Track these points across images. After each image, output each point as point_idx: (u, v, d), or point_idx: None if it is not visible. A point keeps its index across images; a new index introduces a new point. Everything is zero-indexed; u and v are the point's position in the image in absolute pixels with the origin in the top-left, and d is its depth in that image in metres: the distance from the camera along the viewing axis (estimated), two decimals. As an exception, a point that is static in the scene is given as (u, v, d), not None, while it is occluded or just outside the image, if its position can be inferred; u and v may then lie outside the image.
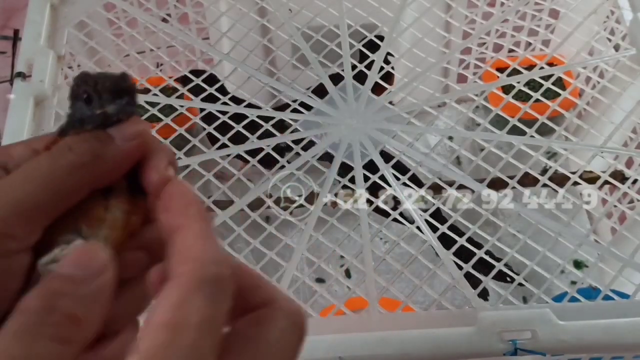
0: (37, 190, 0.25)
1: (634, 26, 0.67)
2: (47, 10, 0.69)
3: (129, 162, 0.26)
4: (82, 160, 0.25)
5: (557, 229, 0.54)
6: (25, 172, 0.25)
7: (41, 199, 0.24)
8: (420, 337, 0.48)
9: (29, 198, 0.24)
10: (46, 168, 0.25)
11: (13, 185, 0.25)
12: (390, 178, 0.59)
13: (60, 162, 0.25)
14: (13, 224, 0.24)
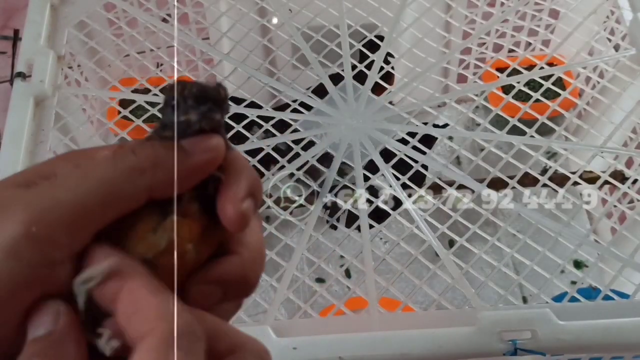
0: (89, 192, 0.22)
1: (634, 26, 0.67)
2: (47, 10, 0.69)
3: (195, 177, 0.24)
4: (142, 165, 0.23)
5: (557, 229, 0.54)
6: (81, 172, 0.23)
7: (93, 202, 0.22)
8: (420, 337, 0.48)
9: (80, 201, 0.22)
10: (103, 169, 0.23)
11: (65, 185, 0.22)
12: (390, 178, 0.59)
13: (119, 165, 0.23)
14: (59, 230, 0.22)
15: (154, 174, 0.23)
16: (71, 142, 0.63)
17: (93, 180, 0.23)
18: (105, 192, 0.23)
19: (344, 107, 0.65)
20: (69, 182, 0.22)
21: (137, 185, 0.23)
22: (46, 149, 0.60)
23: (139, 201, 0.23)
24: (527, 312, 0.49)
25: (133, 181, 0.23)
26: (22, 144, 0.59)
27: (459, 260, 0.53)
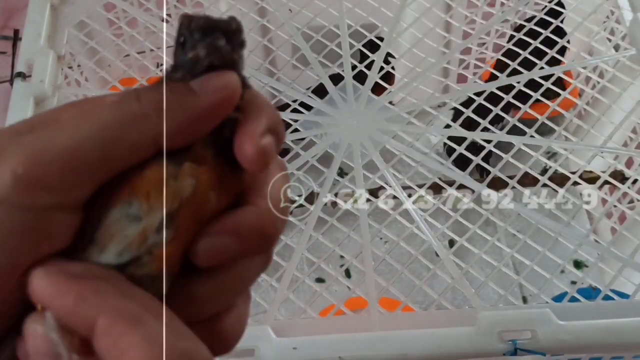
0: (87, 135, 0.20)
1: (634, 26, 0.67)
2: (47, 10, 0.69)
3: (208, 121, 0.22)
4: (146, 109, 0.21)
5: (557, 229, 0.54)
6: (81, 117, 0.21)
7: (90, 147, 0.20)
8: (420, 337, 0.48)
9: (76, 144, 0.20)
10: (105, 114, 0.21)
11: (63, 129, 0.21)
12: (390, 178, 0.59)
13: (122, 110, 0.21)
14: (49, 173, 0.20)
15: (158, 119, 0.21)
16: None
17: (93, 124, 0.21)
18: (105, 137, 0.21)
19: (344, 107, 0.65)
20: (67, 126, 0.21)
21: (140, 132, 0.21)
22: (46, 149, 0.60)
23: (145, 150, 0.21)
24: (527, 312, 0.49)
25: (136, 127, 0.21)
26: (22, 144, 0.59)
27: (459, 260, 0.53)
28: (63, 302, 0.20)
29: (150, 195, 0.21)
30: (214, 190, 0.22)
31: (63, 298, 0.20)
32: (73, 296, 0.20)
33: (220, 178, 0.22)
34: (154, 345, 0.19)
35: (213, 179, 0.22)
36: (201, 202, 0.21)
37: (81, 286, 0.20)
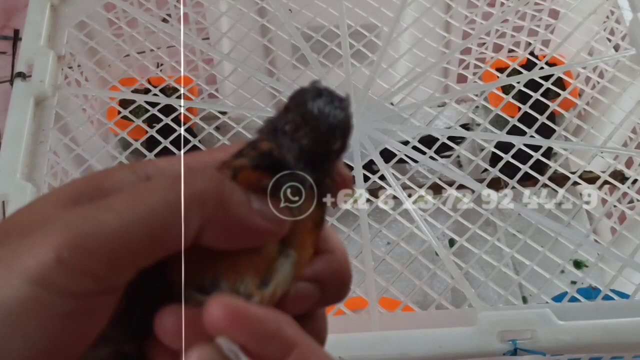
0: (137, 223, 0.19)
1: (634, 26, 0.67)
2: (47, 10, 0.69)
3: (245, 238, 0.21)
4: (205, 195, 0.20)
5: (557, 229, 0.54)
6: (131, 196, 0.20)
7: (140, 233, 0.19)
8: (420, 337, 0.48)
9: (125, 229, 0.19)
10: (159, 196, 0.20)
11: (112, 208, 0.20)
12: (390, 178, 0.59)
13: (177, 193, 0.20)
14: (96, 260, 0.19)
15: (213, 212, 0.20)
16: (71, 142, 0.63)
17: (145, 205, 0.20)
18: (155, 221, 0.20)
19: (344, 107, 0.65)
20: (117, 205, 0.20)
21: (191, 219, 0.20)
22: (46, 149, 0.60)
23: (188, 240, 0.20)
24: (527, 312, 0.49)
25: (188, 213, 0.20)
26: (22, 144, 0.59)
27: (459, 260, 0.53)
28: (262, 328, 0.20)
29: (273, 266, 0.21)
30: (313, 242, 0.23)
31: (262, 325, 0.20)
32: (273, 324, 0.20)
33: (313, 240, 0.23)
34: None
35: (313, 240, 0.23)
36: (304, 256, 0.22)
37: (277, 315, 0.20)
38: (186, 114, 0.65)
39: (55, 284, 0.19)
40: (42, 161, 0.59)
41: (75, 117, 0.66)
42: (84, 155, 0.63)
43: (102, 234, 0.19)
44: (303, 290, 0.23)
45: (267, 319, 0.20)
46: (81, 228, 0.19)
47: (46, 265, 0.19)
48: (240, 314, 0.19)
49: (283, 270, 0.22)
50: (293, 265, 0.22)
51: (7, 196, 0.55)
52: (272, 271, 0.21)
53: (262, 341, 0.19)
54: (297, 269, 0.22)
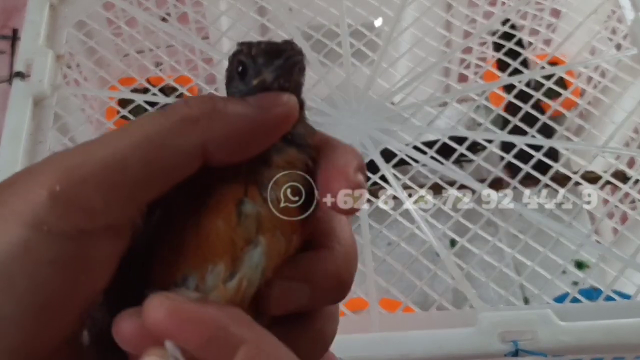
0: (130, 145, 0.18)
1: (636, 25, 0.67)
2: (47, 10, 0.69)
3: (263, 138, 0.20)
4: (195, 113, 0.19)
5: (559, 230, 0.54)
6: (122, 129, 0.19)
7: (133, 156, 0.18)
8: (420, 338, 0.48)
9: (116, 154, 0.18)
10: (149, 122, 0.19)
11: (101, 141, 0.18)
12: (390, 178, 0.59)
13: (168, 117, 0.19)
14: (89, 190, 0.17)
15: (209, 123, 0.19)
16: (70, 142, 0.62)
17: (137, 133, 0.18)
18: (149, 144, 0.18)
19: (344, 106, 0.65)
20: (107, 138, 0.18)
21: (187, 137, 0.18)
22: (45, 148, 0.60)
23: (191, 161, 0.19)
24: (528, 313, 0.48)
25: (183, 132, 0.18)
26: (21, 143, 0.59)
27: (460, 261, 0.53)
28: (200, 330, 0.18)
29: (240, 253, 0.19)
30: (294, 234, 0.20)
31: (200, 326, 0.18)
32: (213, 324, 0.18)
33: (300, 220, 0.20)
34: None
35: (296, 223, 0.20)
36: (278, 247, 0.20)
37: (219, 313, 0.18)
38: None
39: (47, 223, 0.17)
40: (41, 161, 0.59)
41: (75, 117, 0.66)
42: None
43: (95, 162, 0.18)
44: (288, 290, 0.20)
45: (206, 319, 0.18)
46: (71, 161, 0.18)
47: (38, 204, 0.17)
48: (175, 315, 0.18)
49: (250, 261, 0.19)
50: (263, 256, 0.20)
51: (6, 196, 0.55)
52: (238, 263, 0.19)
53: (202, 343, 0.18)
54: (270, 260, 0.20)
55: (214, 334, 0.18)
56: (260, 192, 0.20)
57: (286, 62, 0.20)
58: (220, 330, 0.18)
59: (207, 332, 0.18)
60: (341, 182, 0.20)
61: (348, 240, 0.22)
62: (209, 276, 0.19)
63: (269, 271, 0.20)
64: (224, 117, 0.19)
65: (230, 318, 0.18)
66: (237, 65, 0.20)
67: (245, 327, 0.18)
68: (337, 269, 0.21)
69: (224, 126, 0.19)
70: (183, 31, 0.71)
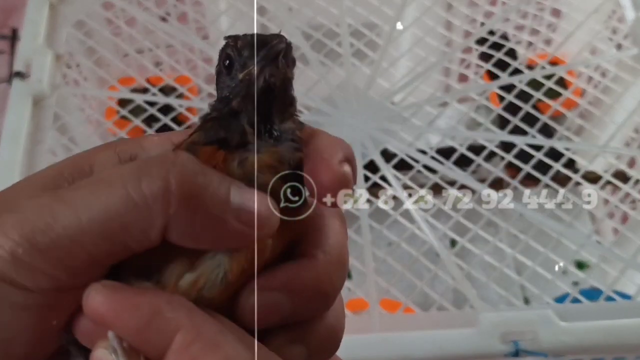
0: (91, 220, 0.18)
1: (636, 25, 0.67)
2: (46, 10, 0.69)
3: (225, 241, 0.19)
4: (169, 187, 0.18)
5: (559, 230, 0.54)
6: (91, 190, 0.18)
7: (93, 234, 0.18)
8: (421, 339, 0.48)
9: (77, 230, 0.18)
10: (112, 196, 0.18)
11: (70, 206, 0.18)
12: (391, 178, 0.58)
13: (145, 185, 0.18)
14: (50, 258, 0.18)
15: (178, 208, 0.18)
16: (70, 142, 0.62)
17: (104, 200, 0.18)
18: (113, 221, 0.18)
19: (344, 106, 0.64)
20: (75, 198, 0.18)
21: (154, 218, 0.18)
22: (45, 148, 0.60)
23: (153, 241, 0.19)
24: (529, 314, 0.48)
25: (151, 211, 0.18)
26: (20, 143, 0.58)
27: (461, 261, 0.53)
28: (134, 316, 0.18)
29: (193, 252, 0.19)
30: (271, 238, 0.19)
31: (134, 312, 0.18)
32: (147, 309, 0.18)
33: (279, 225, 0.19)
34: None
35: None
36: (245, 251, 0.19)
37: (154, 299, 0.18)
38: (185, 113, 0.65)
39: (9, 278, 0.18)
40: (41, 161, 0.59)
41: (74, 116, 0.66)
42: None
43: (55, 232, 0.18)
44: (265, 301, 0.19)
45: (141, 303, 0.18)
46: (35, 223, 0.18)
47: (1, 259, 0.18)
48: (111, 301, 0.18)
49: (212, 260, 0.19)
50: (225, 256, 0.19)
51: (5, 196, 0.55)
52: (200, 260, 0.19)
53: (139, 329, 0.18)
54: (234, 262, 0.19)
55: (149, 320, 0.18)
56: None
57: (270, 52, 0.19)
58: (155, 316, 0.18)
59: (143, 317, 0.18)
60: (326, 173, 0.19)
61: (335, 248, 0.21)
62: (169, 269, 0.19)
63: (233, 275, 0.19)
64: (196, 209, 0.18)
65: (167, 303, 0.18)
66: (224, 59, 0.20)
67: (184, 312, 0.18)
68: (317, 280, 0.20)
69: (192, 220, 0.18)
70: (183, 31, 0.71)
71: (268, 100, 0.20)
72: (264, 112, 0.20)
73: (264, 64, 0.19)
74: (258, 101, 0.19)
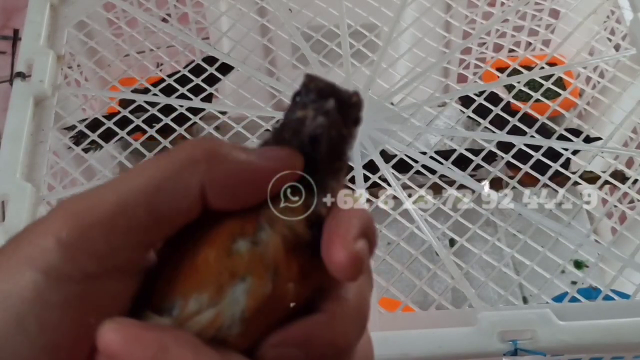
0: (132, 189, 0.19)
1: (634, 26, 0.67)
2: (47, 10, 0.69)
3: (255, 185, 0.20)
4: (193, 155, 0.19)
5: (558, 229, 0.54)
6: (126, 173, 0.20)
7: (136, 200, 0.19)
8: (420, 337, 0.48)
9: (120, 199, 0.19)
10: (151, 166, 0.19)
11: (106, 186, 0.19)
12: (390, 178, 0.59)
13: (168, 159, 0.19)
14: (95, 235, 0.18)
15: (207, 167, 0.19)
16: (71, 142, 0.63)
17: (139, 178, 0.19)
18: (150, 187, 0.19)
19: (344, 107, 0.65)
20: (111, 184, 0.19)
21: (186, 179, 0.19)
22: (46, 148, 0.60)
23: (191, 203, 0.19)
24: (528, 313, 0.48)
25: (182, 174, 0.19)
26: (21, 143, 0.59)
27: (459, 260, 0.53)
28: (142, 353, 0.18)
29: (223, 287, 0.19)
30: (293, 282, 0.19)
31: (143, 349, 0.18)
32: (154, 346, 0.18)
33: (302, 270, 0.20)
34: None
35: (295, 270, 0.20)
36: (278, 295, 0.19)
37: (162, 335, 0.18)
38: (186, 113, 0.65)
39: (55, 268, 0.18)
40: (42, 161, 0.59)
41: (75, 117, 0.66)
42: (83, 156, 0.63)
43: (101, 208, 0.19)
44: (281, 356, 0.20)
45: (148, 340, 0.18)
46: (77, 206, 0.19)
47: (46, 249, 0.18)
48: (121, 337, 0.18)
49: (232, 296, 0.19)
50: (246, 294, 0.19)
51: (7, 196, 0.55)
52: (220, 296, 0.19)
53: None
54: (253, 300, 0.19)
55: (155, 356, 0.18)
56: (256, 232, 0.20)
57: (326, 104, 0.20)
58: (161, 352, 0.18)
59: (149, 353, 0.18)
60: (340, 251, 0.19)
61: (353, 303, 0.21)
62: (190, 304, 0.19)
63: (251, 312, 0.19)
64: (223, 162, 0.20)
65: (174, 340, 0.18)
66: (295, 92, 0.21)
67: (190, 349, 0.18)
68: (333, 337, 0.20)
69: (223, 171, 0.19)
70: (183, 32, 0.71)
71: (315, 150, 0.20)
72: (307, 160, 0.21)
73: (317, 112, 0.20)
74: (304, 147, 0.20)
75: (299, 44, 0.68)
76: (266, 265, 0.19)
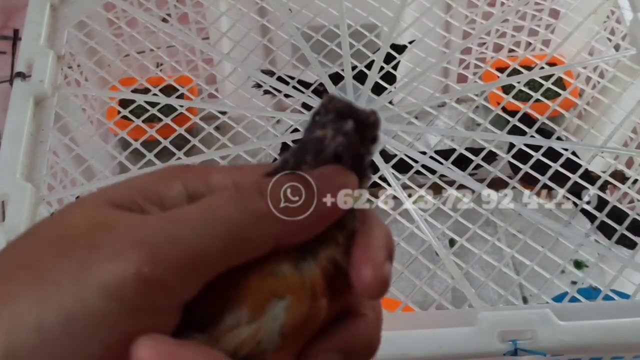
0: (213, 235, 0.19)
1: (634, 26, 0.67)
2: (47, 10, 0.69)
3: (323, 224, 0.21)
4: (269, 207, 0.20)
5: (558, 229, 0.54)
6: (205, 211, 0.20)
7: (216, 248, 0.19)
8: (420, 337, 0.48)
9: (203, 243, 0.19)
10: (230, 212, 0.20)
11: (184, 221, 0.20)
12: (390, 178, 0.59)
13: (248, 208, 0.20)
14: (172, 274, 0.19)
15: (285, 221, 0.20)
16: (71, 142, 0.63)
17: (218, 221, 0.20)
18: (231, 238, 0.19)
19: (344, 107, 0.65)
20: (195, 222, 0.19)
21: (265, 233, 0.20)
22: (46, 149, 0.60)
23: (264, 249, 0.20)
24: (528, 313, 0.48)
25: (261, 228, 0.20)
26: (21, 143, 0.59)
27: (459, 260, 0.53)
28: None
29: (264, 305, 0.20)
30: (326, 298, 0.21)
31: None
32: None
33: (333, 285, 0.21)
34: None
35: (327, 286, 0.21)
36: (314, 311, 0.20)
37: (194, 352, 0.19)
38: (186, 113, 0.65)
39: (129, 299, 0.18)
40: (42, 161, 0.59)
41: (75, 117, 0.66)
42: (83, 156, 0.63)
43: (180, 247, 0.19)
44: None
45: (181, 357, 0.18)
46: (159, 239, 0.19)
47: (124, 280, 0.18)
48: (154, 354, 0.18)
49: (272, 313, 0.20)
50: (284, 311, 0.20)
51: (7, 196, 0.55)
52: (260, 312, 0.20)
53: None
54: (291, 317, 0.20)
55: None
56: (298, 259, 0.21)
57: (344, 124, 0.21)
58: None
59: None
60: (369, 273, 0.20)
61: (378, 305, 0.23)
62: (228, 318, 0.20)
63: (288, 327, 0.20)
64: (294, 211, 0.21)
65: (204, 356, 0.19)
66: (314, 112, 0.21)
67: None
68: (370, 337, 0.22)
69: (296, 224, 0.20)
70: (183, 32, 0.71)
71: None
72: None
73: (336, 133, 0.21)
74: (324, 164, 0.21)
75: (299, 44, 0.68)
76: (305, 286, 0.20)
